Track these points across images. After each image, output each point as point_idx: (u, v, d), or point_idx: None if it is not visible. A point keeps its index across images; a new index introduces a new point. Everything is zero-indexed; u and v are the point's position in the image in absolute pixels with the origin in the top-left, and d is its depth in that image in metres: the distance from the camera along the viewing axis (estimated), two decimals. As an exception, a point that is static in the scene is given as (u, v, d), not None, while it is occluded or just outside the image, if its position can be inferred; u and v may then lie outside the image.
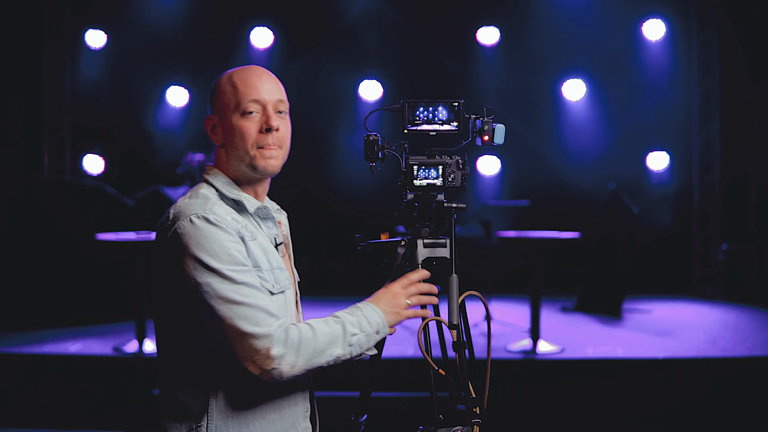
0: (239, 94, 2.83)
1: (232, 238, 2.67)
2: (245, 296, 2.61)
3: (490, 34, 12.43)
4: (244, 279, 2.63)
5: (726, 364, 7.58)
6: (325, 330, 2.69)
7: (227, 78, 2.88)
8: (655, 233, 11.97)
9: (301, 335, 2.63)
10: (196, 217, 2.68)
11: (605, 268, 10.31)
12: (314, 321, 2.71)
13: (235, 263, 2.64)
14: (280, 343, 2.59)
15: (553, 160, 12.36)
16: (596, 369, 7.56)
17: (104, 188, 10.01)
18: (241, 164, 2.85)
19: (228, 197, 2.82)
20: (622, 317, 9.91)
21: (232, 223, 2.71)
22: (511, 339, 8.44)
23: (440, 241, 3.12)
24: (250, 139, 2.82)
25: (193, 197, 2.79)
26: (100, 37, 12.45)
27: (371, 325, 2.78)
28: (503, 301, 10.57)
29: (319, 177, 12.04)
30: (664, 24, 12.15)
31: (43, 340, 8.38)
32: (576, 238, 8.44)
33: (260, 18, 12.47)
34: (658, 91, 12.14)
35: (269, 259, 2.81)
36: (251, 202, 2.86)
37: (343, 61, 12.29)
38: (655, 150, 12.28)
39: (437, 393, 3.02)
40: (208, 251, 2.63)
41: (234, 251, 2.65)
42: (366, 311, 2.80)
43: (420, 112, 3.09)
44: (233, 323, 2.59)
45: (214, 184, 2.85)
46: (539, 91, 12.41)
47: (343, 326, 2.72)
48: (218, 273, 2.61)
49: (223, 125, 2.86)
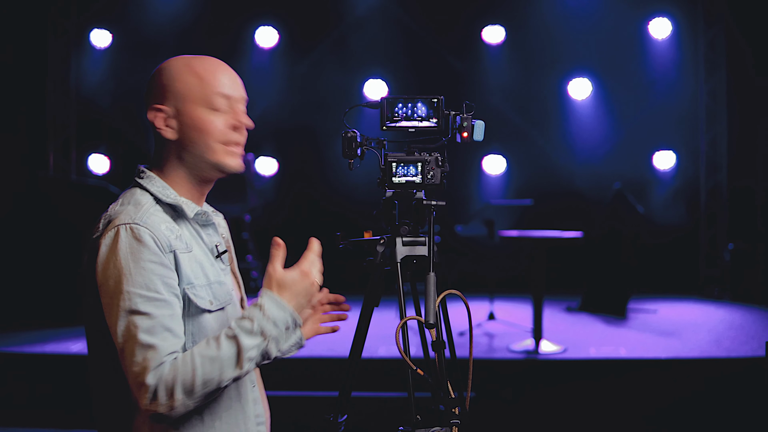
0: (206, 86, 2.64)
1: (155, 258, 2.43)
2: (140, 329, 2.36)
3: (495, 33, 12.40)
4: (149, 309, 2.38)
5: (729, 365, 7.53)
6: (211, 355, 2.37)
7: (184, 66, 2.68)
8: (662, 233, 11.91)
9: (178, 374, 2.35)
10: (124, 228, 2.45)
11: (610, 267, 10.27)
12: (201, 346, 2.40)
13: (148, 288, 2.39)
14: (152, 392, 2.33)
15: (558, 159, 12.33)
16: (598, 369, 7.51)
17: (107, 188, 9.99)
18: (200, 162, 2.64)
19: (164, 202, 2.59)
20: (627, 317, 9.86)
21: (164, 236, 2.48)
22: (514, 339, 8.40)
23: (420, 239, 3.09)
24: (216, 134, 2.62)
25: (125, 203, 2.57)
26: (105, 37, 12.46)
27: (277, 324, 2.46)
28: (507, 300, 10.55)
29: (324, 176, 12.01)
30: (670, 22, 12.10)
31: (44, 339, 8.36)
32: (578, 238, 8.39)
33: (265, 17, 12.47)
34: (665, 90, 12.08)
35: (206, 273, 2.59)
36: (190, 207, 2.63)
37: (348, 60, 12.28)
38: (662, 149, 12.24)
39: (419, 393, 2.98)
40: (126, 269, 2.40)
41: (153, 275, 2.41)
42: (269, 310, 2.46)
43: (399, 108, 3.06)
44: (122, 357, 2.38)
45: (149, 189, 2.61)
46: (545, 90, 12.39)
47: (237, 344, 2.40)
48: (125, 296, 2.39)
49: (181, 118, 2.62)
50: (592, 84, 12.31)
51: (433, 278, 2.74)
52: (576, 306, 10.42)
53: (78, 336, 8.40)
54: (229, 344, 2.40)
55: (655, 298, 11.04)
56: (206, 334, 2.53)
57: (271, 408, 2.87)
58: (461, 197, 12.29)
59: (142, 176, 2.67)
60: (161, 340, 2.37)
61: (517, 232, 8.77)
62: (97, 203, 9.48)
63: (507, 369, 7.58)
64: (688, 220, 12.27)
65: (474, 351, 7.94)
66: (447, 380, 2.93)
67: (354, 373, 3.18)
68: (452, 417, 2.85)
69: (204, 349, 2.39)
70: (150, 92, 2.66)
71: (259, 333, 2.42)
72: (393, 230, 3.11)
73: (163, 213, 2.56)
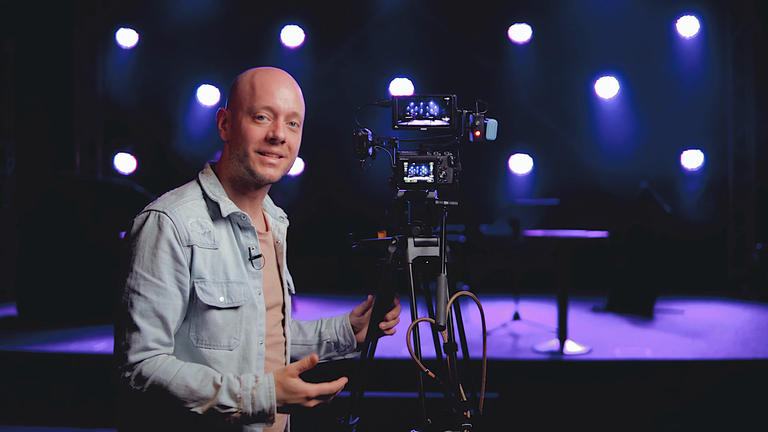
0: (255, 97, 2.78)
1: (168, 249, 2.63)
2: (134, 310, 2.58)
3: (522, 32, 12.36)
4: (146, 293, 2.60)
5: (756, 366, 7.44)
6: (189, 385, 2.55)
7: (249, 76, 2.83)
8: (689, 232, 11.83)
9: (155, 374, 2.55)
10: (154, 213, 2.67)
11: (637, 267, 10.20)
12: (192, 369, 2.59)
13: (153, 273, 2.61)
14: (130, 369, 2.56)
15: (585, 158, 12.26)
16: (623, 370, 7.45)
17: (132, 187, 10.02)
18: (240, 165, 2.80)
19: (210, 198, 2.78)
20: (654, 318, 9.78)
21: (186, 230, 2.67)
22: (540, 339, 8.36)
23: (432, 239, 3.05)
24: (253, 142, 2.77)
25: (174, 192, 2.79)
26: (132, 36, 12.50)
27: (254, 407, 2.56)
28: (533, 301, 10.50)
29: (349, 175, 11.99)
30: (698, 21, 12.00)
31: (68, 338, 8.39)
32: (604, 238, 8.33)
33: (291, 16, 12.46)
34: (692, 89, 11.98)
35: (226, 271, 2.73)
36: (227, 207, 2.78)
37: (374, 59, 12.27)
38: (689, 148, 12.14)
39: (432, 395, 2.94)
40: (140, 251, 2.63)
41: (161, 263, 2.62)
42: (259, 391, 2.58)
43: (411, 107, 3.04)
44: (115, 329, 2.62)
45: (202, 183, 2.82)
46: (571, 88, 12.32)
47: (216, 394, 2.54)
48: (133, 275, 2.61)
49: (232, 122, 2.82)
50: (619, 83, 12.24)
51: (444, 279, 2.70)
52: (602, 306, 10.35)
53: (101, 335, 8.42)
54: (210, 388, 2.56)
55: (683, 298, 10.95)
56: (209, 329, 2.70)
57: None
58: (487, 197, 12.26)
59: (203, 170, 2.89)
60: (150, 326, 2.59)
61: (542, 232, 8.72)
62: (121, 202, 9.55)
63: (532, 370, 7.55)
64: (716, 219, 12.18)
65: (499, 351, 7.93)
66: (459, 382, 2.89)
67: (366, 374, 3.14)
68: (464, 420, 2.80)
69: (190, 374, 2.57)
70: (226, 95, 2.92)
71: (238, 401, 2.56)
72: (405, 230, 3.08)
73: (203, 208, 2.77)
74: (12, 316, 9.81)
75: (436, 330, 2.69)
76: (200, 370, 2.58)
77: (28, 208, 10.70)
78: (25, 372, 7.70)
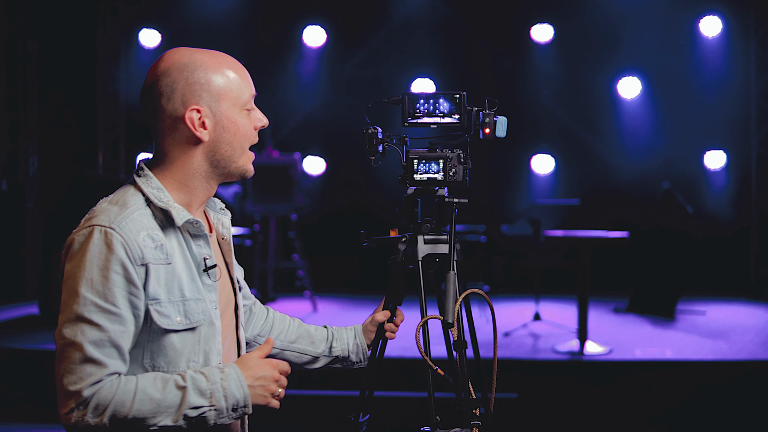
0: (242, 88, 2.56)
1: (120, 270, 2.33)
2: (86, 339, 2.28)
3: (544, 32, 12.31)
4: (101, 321, 2.30)
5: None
6: (152, 396, 2.32)
7: (215, 63, 2.55)
8: (712, 233, 11.77)
9: (114, 398, 2.28)
10: (99, 231, 2.36)
11: (658, 268, 10.16)
12: (147, 380, 2.35)
13: (105, 299, 2.31)
14: (83, 405, 2.28)
15: (607, 158, 12.23)
16: (643, 370, 7.44)
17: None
18: (230, 165, 2.57)
19: (157, 206, 2.47)
20: (676, 318, 9.74)
21: (138, 247, 2.37)
22: (560, 340, 8.34)
23: (442, 237, 3.05)
24: (250, 136, 2.60)
25: (113, 202, 2.48)
26: (154, 37, 12.54)
27: (228, 399, 2.40)
28: (553, 301, 10.46)
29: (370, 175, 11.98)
30: (721, 21, 11.93)
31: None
32: (624, 238, 8.30)
33: (313, 16, 12.47)
34: (715, 89, 11.92)
35: (181, 288, 2.46)
36: (180, 215, 2.49)
37: (396, 59, 12.27)
38: (712, 148, 12.07)
39: (442, 394, 2.95)
40: (88, 273, 2.32)
41: (114, 287, 2.32)
42: (229, 382, 2.42)
43: (420, 104, 3.05)
44: (57, 359, 2.32)
45: (143, 189, 2.50)
46: (594, 88, 12.28)
47: (183, 396, 2.34)
48: (81, 300, 2.32)
49: (217, 119, 2.52)
50: (641, 83, 12.18)
51: (453, 277, 2.69)
52: (624, 307, 10.31)
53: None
54: (175, 392, 2.35)
55: (705, 299, 10.87)
56: (167, 354, 2.45)
57: (291, 408, 2.84)
58: (509, 197, 12.25)
59: (140, 174, 2.56)
60: (106, 357, 2.31)
61: (563, 232, 8.71)
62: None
63: (552, 370, 7.56)
64: (738, 220, 12.11)
65: (519, 351, 7.93)
66: (468, 380, 2.89)
67: (376, 373, 3.15)
68: (473, 418, 2.80)
69: (149, 385, 2.34)
70: (174, 89, 2.51)
71: (209, 396, 2.38)
72: (415, 228, 3.08)
73: (150, 218, 2.46)
74: (34, 315, 9.85)
75: (445, 327, 2.67)
76: (156, 377, 2.37)
77: (50, 207, 10.75)
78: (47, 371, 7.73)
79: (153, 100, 2.54)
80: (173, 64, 2.51)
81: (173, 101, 2.50)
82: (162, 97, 2.51)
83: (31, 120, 11.98)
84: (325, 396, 6.93)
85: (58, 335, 2.32)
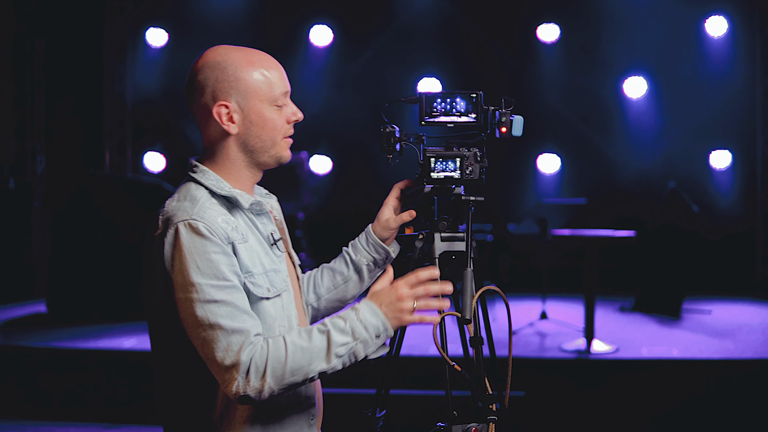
0: (272, 85, 2.72)
1: (218, 249, 2.52)
2: (219, 317, 2.46)
3: (550, 31, 12.33)
4: (223, 297, 2.48)
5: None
6: (302, 345, 2.49)
7: (245, 62, 2.71)
8: (718, 232, 11.78)
9: (269, 356, 2.46)
10: (184, 225, 2.52)
11: (664, 267, 10.17)
12: (293, 335, 2.53)
13: (217, 277, 2.49)
14: (245, 371, 2.44)
15: (613, 158, 12.25)
16: (649, 369, 7.45)
17: (162, 185, 10.06)
18: (263, 155, 2.74)
19: (219, 194, 2.66)
20: (681, 318, 9.75)
21: (222, 228, 2.55)
22: (567, 338, 8.35)
23: (458, 234, 3.08)
24: (282, 129, 2.75)
25: (181, 199, 2.64)
26: (161, 36, 12.57)
27: (368, 329, 2.56)
28: (560, 300, 10.49)
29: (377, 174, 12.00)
30: (726, 21, 11.93)
31: (98, 335, 8.46)
32: (631, 237, 8.32)
33: (319, 16, 12.50)
34: (721, 89, 11.92)
35: (262, 262, 2.67)
36: (245, 198, 2.69)
37: (402, 58, 12.28)
38: (718, 148, 12.08)
39: (459, 391, 2.97)
40: (192, 264, 2.49)
41: (220, 264, 2.51)
42: (363, 314, 2.57)
43: (437, 103, 3.07)
44: (203, 347, 2.49)
45: (203, 183, 2.68)
46: (600, 88, 12.28)
47: (328, 338, 2.51)
48: (198, 288, 2.47)
49: (245, 114, 2.68)
50: (647, 82, 12.20)
51: (470, 274, 2.71)
52: (630, 306, 10.32)
53: (130, 332, 8.48)
54: (320, 337, 2.52)
55: (711, 298, 10.88)
56: (265, 321, 2.62)
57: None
58: (515, 196, 12.26)
59: (195, 170, 2.74)
60: (243, 324, 2.49)
61: (570, 231, 8.72)
62: (151, 201, 9.60)
63: (558, 368, 7.57)
64: (744, 220, 12.12)
65: (526, 350, 7.94)
66: (485, 376, 2.91)
67: (393, 370, 3.17)
68: (489, 413, 2.83)
69: (296, 338, 2.52)
70: (206, 86, 2.70)
71: (350, 333, 2.54)
72: (431, 226, 3.11)
73: (218, 206, 2.64)
74: (42, 313, 9.88)
75: (462, 324, 2.71)
76: (299, 331, 2.56)
77: (58, 206, 10.77)
78: (55, 368, 7.77)
79: (191, 95, 2.75)
80: (208, 62, 2.72)
81: (205, 96, 2.70)
82: (197, 92, 2.72)
83: (38, 119, 12.02)
84: (342, 394, 6.92)
85: (193, 330, 2.50)
